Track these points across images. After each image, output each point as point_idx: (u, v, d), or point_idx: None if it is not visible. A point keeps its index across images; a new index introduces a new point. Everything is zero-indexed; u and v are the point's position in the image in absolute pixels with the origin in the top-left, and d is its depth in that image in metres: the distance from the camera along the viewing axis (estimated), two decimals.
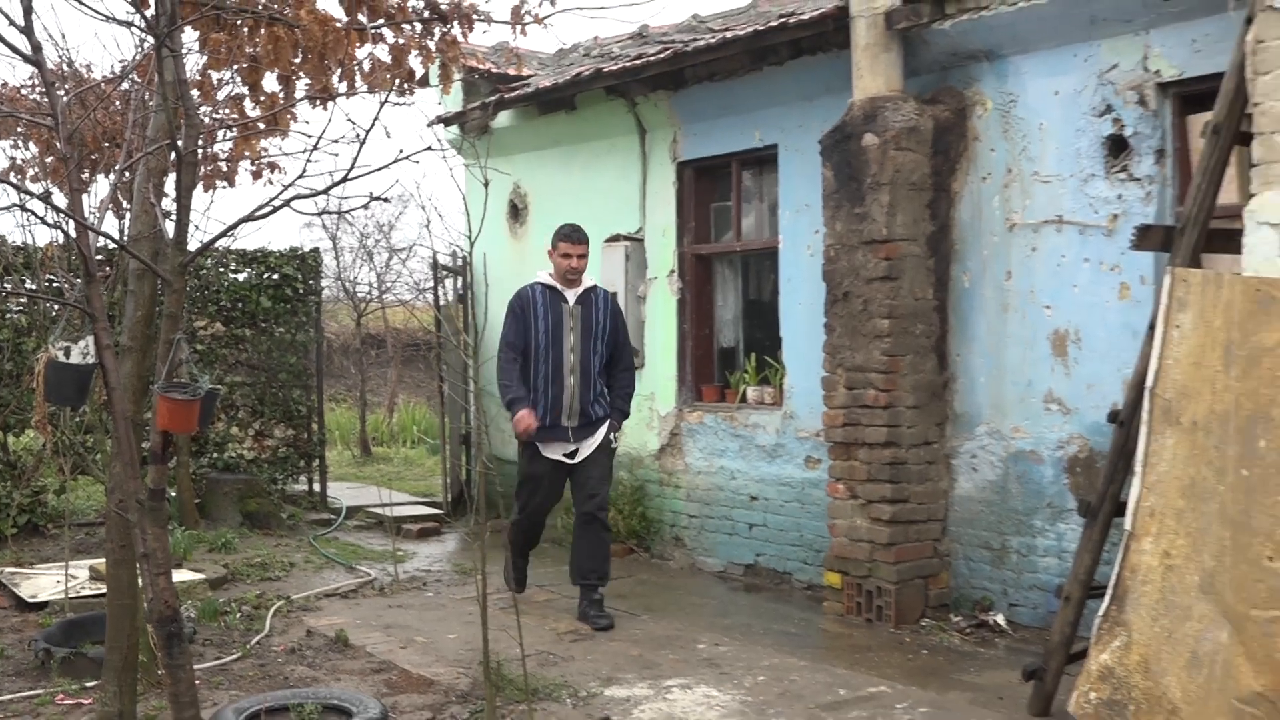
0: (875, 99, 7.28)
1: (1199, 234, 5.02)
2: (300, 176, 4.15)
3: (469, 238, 5.01)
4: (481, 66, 10.09)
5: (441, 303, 11.77)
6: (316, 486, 12.04)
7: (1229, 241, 4.90)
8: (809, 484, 8.24)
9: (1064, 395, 6.88)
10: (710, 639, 6.92)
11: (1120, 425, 5.33)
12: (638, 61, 8.91)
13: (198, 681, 4.62)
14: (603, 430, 7.38)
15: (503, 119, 10.62)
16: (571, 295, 7.35)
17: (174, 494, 9.71)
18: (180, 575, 7.59)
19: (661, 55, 8.68)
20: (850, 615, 7.32)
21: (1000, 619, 7.02)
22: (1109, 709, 4.54)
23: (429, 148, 4.29)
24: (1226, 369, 4.29)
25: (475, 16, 6.15)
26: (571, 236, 7.33)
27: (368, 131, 4.16)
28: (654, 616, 7.49)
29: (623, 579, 8.56)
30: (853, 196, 7.30)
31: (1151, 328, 4.78)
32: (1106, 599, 4.66)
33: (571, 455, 7.34)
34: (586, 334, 7.32)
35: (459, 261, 11.25)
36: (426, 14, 6.08)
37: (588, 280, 7.50)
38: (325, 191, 4.20)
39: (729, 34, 8.32)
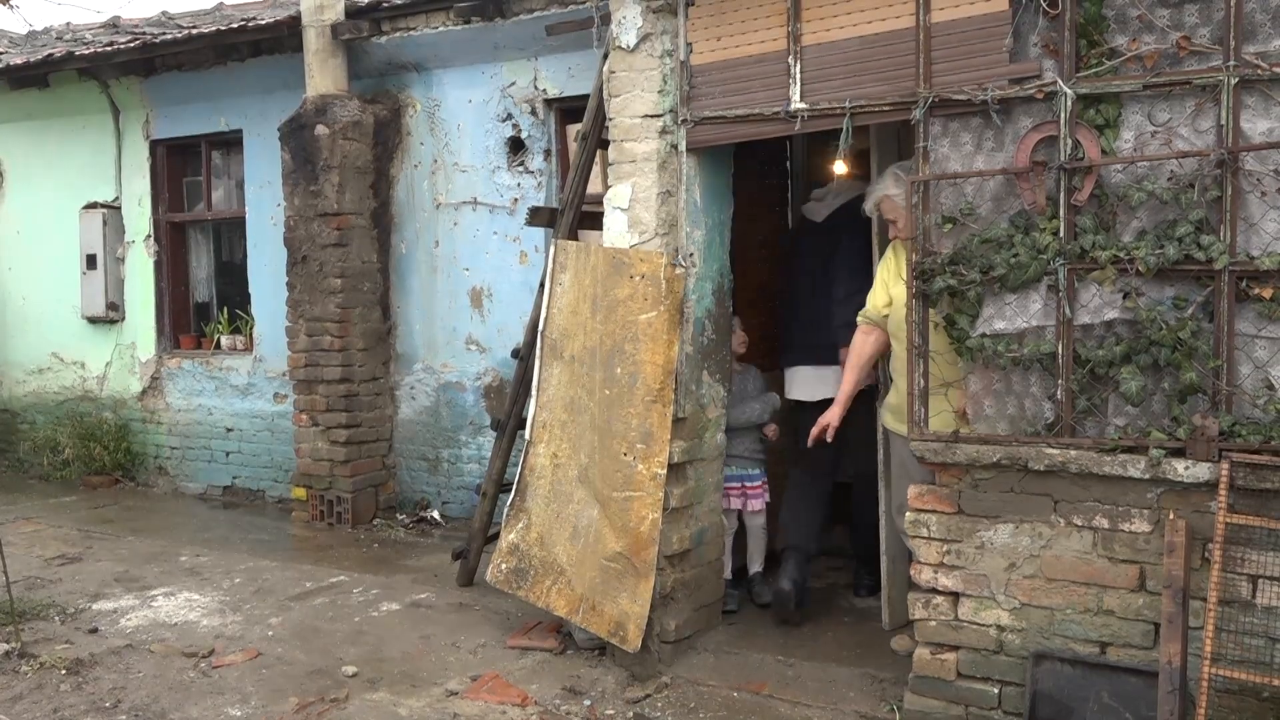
0: (325, 96, 7.00)
1: (574, 215, 5.30)
2: None
3: None
4: None
5: None
6: None
7: (596, 221, 5.20)
8: (278, 415, 7.87)
9: (480, 338, 7.06)
10: (192, 551, 6.44)
11: (521, 360, 5.54)
12: (109, 48, 7.99)
13: None
14: None
15: None
16: None
17: None
18: None
19: (132, 44, 7.86)
20: (315, 521, 7.10)
21: (436, 514, 7.12)
22: (515, 575, 4.73)
23: None
24: (594, 315, 4.55)
25: None
26: None
27: None
28: (139, 537, 6.83)
29: (109, 506, 7.76)
30: (308, 176, 6.99)
31: (542, 285, 4.96)
32: (513, 492, 4.81)
33: None
34: None
35: None
36: None
37: None
38: None
39: (195, 30, 7.70)
